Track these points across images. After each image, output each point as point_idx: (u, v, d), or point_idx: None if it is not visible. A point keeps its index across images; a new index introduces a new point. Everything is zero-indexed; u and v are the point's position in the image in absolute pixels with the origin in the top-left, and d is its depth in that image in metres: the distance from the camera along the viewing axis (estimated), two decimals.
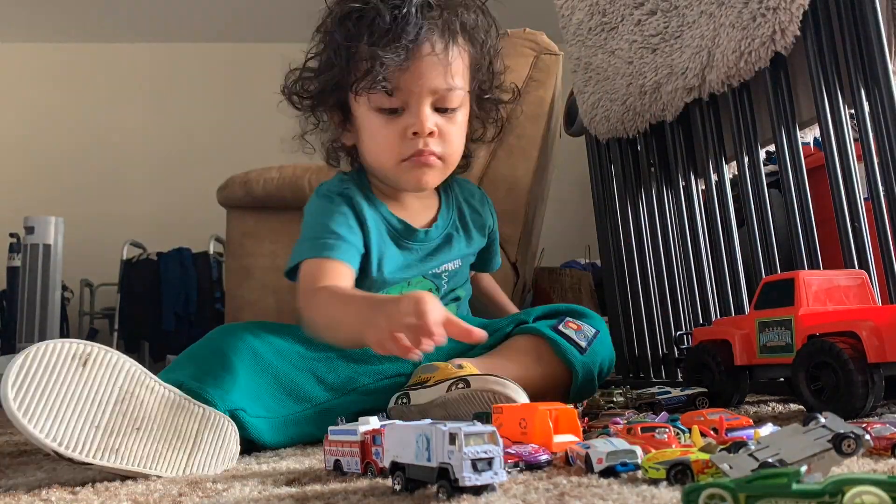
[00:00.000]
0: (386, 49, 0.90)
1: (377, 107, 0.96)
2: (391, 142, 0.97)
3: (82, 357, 0.65)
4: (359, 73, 0.94)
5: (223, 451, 0.72)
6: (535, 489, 0.55)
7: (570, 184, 3.28)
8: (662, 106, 1.41)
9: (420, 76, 0.93)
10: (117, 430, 0.65)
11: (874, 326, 0.80)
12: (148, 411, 0.67)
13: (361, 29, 0.92)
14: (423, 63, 0.93)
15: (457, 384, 0.79)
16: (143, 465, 0.66)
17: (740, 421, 0.70)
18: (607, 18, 1.55)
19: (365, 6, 0.93)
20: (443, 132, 0.98)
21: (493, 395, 0.77)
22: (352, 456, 0.63)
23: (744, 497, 0.42)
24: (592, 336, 1.01)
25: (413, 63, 0.92)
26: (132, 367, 0.68)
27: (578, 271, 2.60)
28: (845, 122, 1.10)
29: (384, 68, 0.91)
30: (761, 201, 1.27)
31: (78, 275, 3.74)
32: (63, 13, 3.92)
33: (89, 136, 4.16)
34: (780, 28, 1.10)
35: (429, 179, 1.01)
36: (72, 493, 0.62)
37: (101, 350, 0.66)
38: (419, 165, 0.98)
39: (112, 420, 0.65)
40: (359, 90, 0.95)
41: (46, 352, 0.63)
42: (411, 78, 0.93)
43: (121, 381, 0.67)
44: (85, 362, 0.65)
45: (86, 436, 0.64)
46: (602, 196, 1.71)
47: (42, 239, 2.67)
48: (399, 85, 0.94)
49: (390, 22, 0.90)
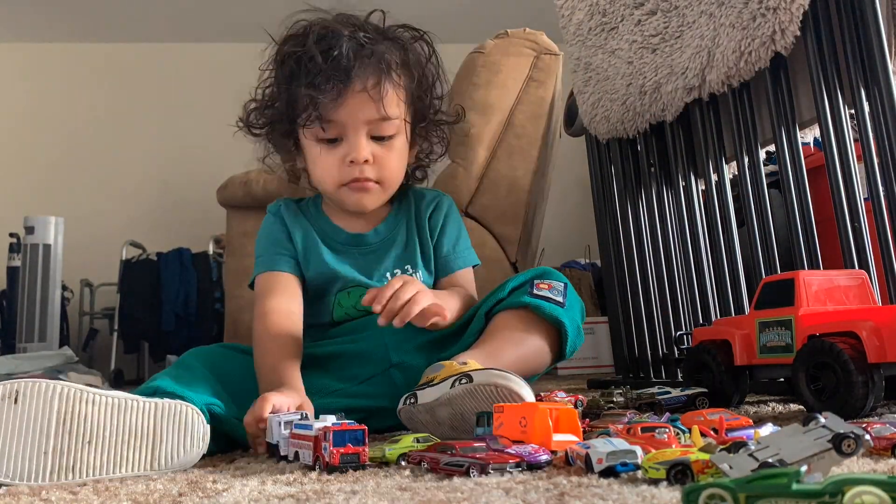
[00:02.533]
0: (320, 89, 1.00)
1: (317, 137, 1.06)
2: (331, 168, 1.06)
3: (11, 395, 0.67)
4: (298, 109, 1.04)
5: (188, 436, 0.73)
6: (535, 489, 0.55)
7: (570, 184, 3.28)
8: (662, 106, 1.41)
9: (354, 110, 1.02)
10: (67, 450, 0.68)
11: (874, 326, 0.80)
12: (95, 423, 0.69)
13: (300, 70, 1.02)
14: (356, 98, 1.01)
15: (460, 380, 0.80)
16: (103, 472, 0.68)
17: (740, 421, 0.70)
18: (607, 18, 1.55)
19: (301, 49, 1.03)
20: (379, 159, 1.06)
21: (496, 388, 0.78)
22: (308, 449, 0.70)
23: (744, 497, 0.42)
24: (563, 289, 1.03)
25: (347, 98, 1.01)
26: (65, 388, 0.69)
27: (578, 271, 2.60)
28: (845, 122, 1.10)
29: (318, 106, 1.01)
30: (761, 201, 1.27)
31: (78, 275, 3.74)
32: (63, 13, 3.92)
33: (89, 136, 4.16)
34: (780, 28, 1.10)
35: (367, 202, 1.09)
36: (72, 493, 0.62)
37: (29, 383, 0.68)
38: (357, 190, 1.07)
39: (59, 442, 0.67)
40: (298, 125, 1.06)
41: None
42: (346, 112, 1.02)
43: (56, 406, 0.68)
44: (16, 399, 0.67)
45: (36, 463, 0.66)
46: (602, 196, 1.71)
47: (42, 239, 2.67)
48: (335, 118, 1.03)
49: (322, 63, 1.00)
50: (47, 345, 2.62)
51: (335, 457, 0.66)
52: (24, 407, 0.67)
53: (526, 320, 0.99)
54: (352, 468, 0.66)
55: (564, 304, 1.01)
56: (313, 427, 0.70)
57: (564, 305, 1.01)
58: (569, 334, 1.00)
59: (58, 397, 0.69)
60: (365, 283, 1.09)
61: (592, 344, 2.26)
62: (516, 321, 0.99)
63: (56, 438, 0.67)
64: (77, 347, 3.48)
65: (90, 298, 3.82)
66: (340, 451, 0.66)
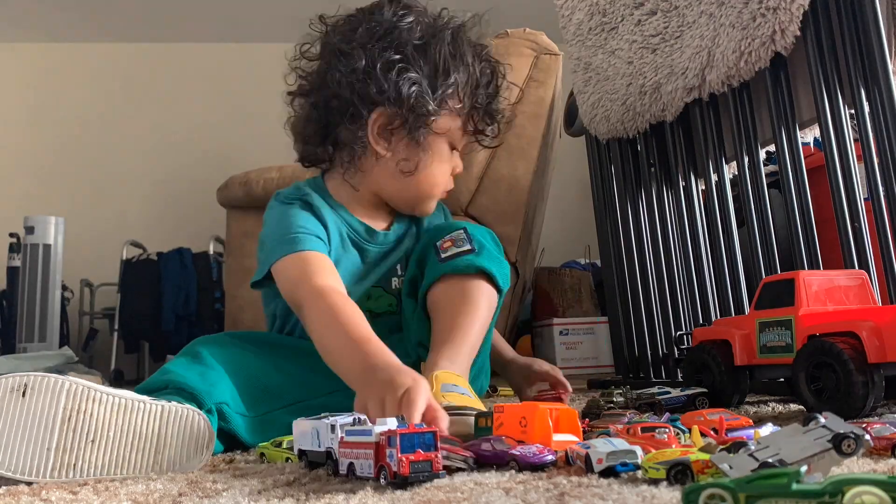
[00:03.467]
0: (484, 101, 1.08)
1: (450, 143, 1.09)
2: (445, 174, 1.10)
3: (20, 388, 0.67)
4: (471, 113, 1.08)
5: (193, 442, 0.72)
6: (535, 489, 0.55)
7: (570, 184, 3.28)
8: (662, 106, 1.41)
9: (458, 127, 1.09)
10: (70, 447, 0.67)
11: (874, 326, 0.80)
12: (100, 422, 0.69)
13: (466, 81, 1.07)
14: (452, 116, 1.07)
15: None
16: (105, 472, 0.68)
17: (740, 421, 0.70)
18: (607, 18, 1.55)
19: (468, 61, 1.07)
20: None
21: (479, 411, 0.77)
22: (367, 458, 0.59)
23: (744, 497, 0.42)
24: (465, 234, 1.03)
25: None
26: (73, 385, 0.69)
27: (578, 271, 2.59)
28: (845, 122, 1.10)
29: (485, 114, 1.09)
30: (761, 201, 1.26)
31: (78, 275, 3.73)
32: (64, 13, 3.92)
33: (89, 136, 4.15)
34: (780, 28, 1.10)
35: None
36: (72, 493, 0.62)
37: (38, 377, 0.68)
38: (440, 198, 1.14)
39: (63, 439, 0.67)
40: (464, 129, 1.09)
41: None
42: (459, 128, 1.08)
43: (63, 402, 0.68)
44: (24, 392, 0.67)
45: (38, 458, 0.66)
46: (602, 196, 1.71)
47: (42, 239, 2.66)
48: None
49: (489, 76, 1.10)
50: (47, 345, 2.62)
51: (404, 465, 0.55)
52: (31, 401, 0.67)
53: (455, 287, 0.99)
54: (425, 479, 0.56)
55: (474, 248, 1.01)
56: (373, 431, 0.59)
57: (475, 250, 1.01)
58: (494, 272, 1.00)
59: (65, 393, 0.68)
60: (377, 281, 1.08)
61: (592, 344, 2.26)
62: (450, 293, 0.99)
63: (60, 435, 0.67)
64: (77, 347, 3.48)
65: (90, 298, 3.81)
66: (410, 458, 0.56)
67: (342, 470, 0.63)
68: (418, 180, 1.07)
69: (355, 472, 0.61)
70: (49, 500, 0.60)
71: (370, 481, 0.60)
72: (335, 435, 0.63)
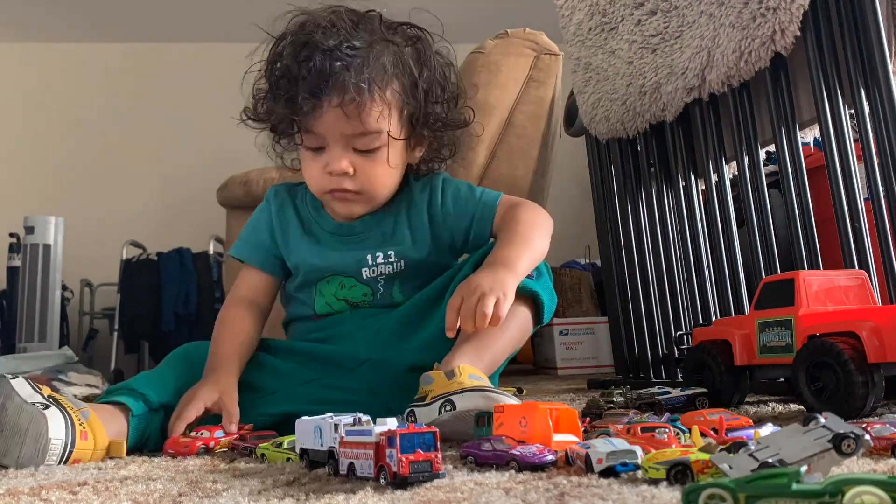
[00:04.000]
0: (296, 102, 0.99)
1: (303, 145, 1.04)
2: (315, 176, 1.05)
3: None
4: (280, 118, 1.04)
5: (37, 444, 0.78)
6: (535, 489, 0.55)
7: (570, 184, 3.27)
8: (662, 106, 1.41)
9: (331, 124, 1.00)
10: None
11: (874, 326, 0.80)
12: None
13: (280, 80, 1.02)
14: (332, 112, 0.98)
15: (445, 406, 0.81)
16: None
17: (740, 421, 0.70)
18: (607, 18, 1.55)
19: (281, 59, 1.03)
20: (361, 171, 1.03)
21: (479, 411, 0.79)
22: (367, 458, 0.60)
23: (744, 497, 0.42)
24: None
25: (323, 112, 0.99)
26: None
27: (578, 271, 2.60)
28: (845, 122, 1.10)
29: (296, 120, 1.01)
30: (761, 201, 1.27)
31: (78, 275, 3.73)
32: (64, 13, 3.92)
33: (89, 136, 4.15)
34: (780, 28, 1.10)
35: (352, 210, 1.08)
36: (72, 493, 0.62)
37: None
38: (339, 199, 1.06)
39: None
40: (282, 134, 1.07)
41: None
42: (323, 125, 1.00)
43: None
44: None
45: None
46: (602, 196, 1.71)
47: (42, 239, 2.66)
48: (314, 130, 1.01)
49: (300, 75, 0.99)
50: (47, 345, 2.62)
51: (404, 466, 0.56)
52: None
53: None
54: (425, 479, 0.57)
55: (534, 274, 1.01)
56: (373, 432, 0.59)
57: (532, 276, 1.00)
58: (545, 303, 1.00)
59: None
60: (344, 270, 1.08)
61: (592, 344, 2.26)
62: None
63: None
64: (77, 347, 3.48)
65: (90, 298, 3.81)
66: (410, 458, 0.56)
67: (342, 470, 0.63)
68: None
69: (355, 472, 0.61)
70: (49, 500, 0.60)
71: (370, 481, 0.60)
72: (338, 434, 0.64)
